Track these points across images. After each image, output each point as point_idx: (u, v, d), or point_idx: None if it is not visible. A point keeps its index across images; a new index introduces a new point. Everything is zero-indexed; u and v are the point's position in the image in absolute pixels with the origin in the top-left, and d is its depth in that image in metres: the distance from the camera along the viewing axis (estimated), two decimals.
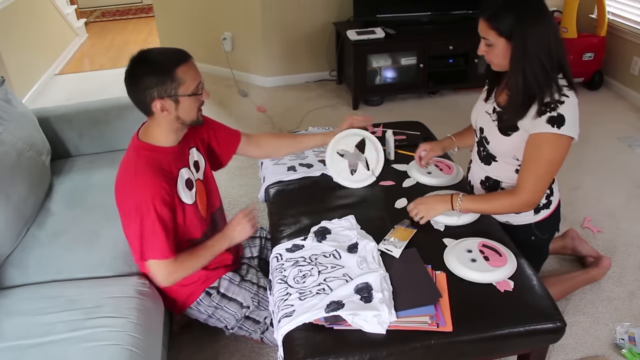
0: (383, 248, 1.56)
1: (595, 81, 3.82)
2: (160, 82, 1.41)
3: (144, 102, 1.45)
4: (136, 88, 1.43)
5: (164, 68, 1.42)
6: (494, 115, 1.67)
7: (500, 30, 1.49)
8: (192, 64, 1.48)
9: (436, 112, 3.67)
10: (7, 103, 2.07)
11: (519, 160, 1.65)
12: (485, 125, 1.71)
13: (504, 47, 1.51)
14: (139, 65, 1.43)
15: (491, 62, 1.59)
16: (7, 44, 3.79)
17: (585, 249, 2.23)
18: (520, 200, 1.58)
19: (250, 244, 1.96)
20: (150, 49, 1.48)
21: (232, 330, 1.77)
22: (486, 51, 1.57)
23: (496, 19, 1.49)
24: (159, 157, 1.51)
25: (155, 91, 1.42)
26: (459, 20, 3.80)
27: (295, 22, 3.96)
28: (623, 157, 3.03)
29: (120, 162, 1.56)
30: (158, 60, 1.43)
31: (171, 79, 1.42)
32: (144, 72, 1.42)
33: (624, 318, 1.98)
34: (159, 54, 1.45)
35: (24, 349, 1.39)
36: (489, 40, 1.53)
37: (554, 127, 1.48)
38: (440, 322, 1.33)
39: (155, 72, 1.41)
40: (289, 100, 3.90)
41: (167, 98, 1.43)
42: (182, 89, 1.44)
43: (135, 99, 1.47)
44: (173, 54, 1.46)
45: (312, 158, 2.07)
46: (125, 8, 6.83)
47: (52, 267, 1.70)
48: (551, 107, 1.49)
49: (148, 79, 1.41)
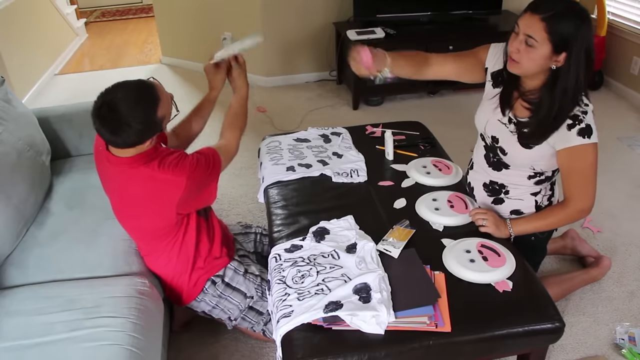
0: (382, 248, 1.56)
1: (595, 81, 3.82)
2: (148, 135, 1.46)
3: (132, 146, 1.47)
4: (126, 140, 1.45)
5: (148, 124, 1.44)
6: (511, 126, 1.62)
7: (555, 36, 1.38)
8: (162, 93, 1.49)
9: (436, 112, 3.66)
10: (7, 103, 2.07)
11: (534, 169, 1.65)
12: (501, 136, 1.66)
13: (547, 54, 1.42)
14: (118, 125, 1.40)
15: (519, 62, 1.47)
16: (7, 44, 3.79)
17: (585, 249, 2.23)
18: (576, 210, 1.58)
19: (245, 239, 1.99)
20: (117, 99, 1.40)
21: (235, 322, 1.78)
22: (521, 50, 1.44)
23: (556, 23, 1.37)
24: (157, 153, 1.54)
25: (144, 138, 1.46)
26: (459, 20, 3.80)
27: (296, 22, 3.96)
28: (623, 157, 3.03)
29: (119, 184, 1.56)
30: (138, 118, 1.41)
31: (155, 124, 1.46)
32: (130, 133, 1.42)
33: (624, 318, 1.98)
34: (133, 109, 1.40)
35: (23, 349, 1.39)
36: (534, 41, 1.41)
37: (585, 138, 1.48)
38: (439, 322, 1.33)
39: (143, 130, 1.44)
40: (289, 100, 3.90)
41: (155, 134, 1.49)
42: (165, 122, 1.51)
43: (122, 145, 1.47)
44: (147, 102, 1.44)
45: (311, 158, 2.07)
46: (125, 8, 6.83)
47: (51, 267, 1.70)
48: (579, 120, 1.48)
49: (137, 136, 1.44)
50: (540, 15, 1.39)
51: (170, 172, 1.49)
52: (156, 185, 1.51)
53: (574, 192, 1.57)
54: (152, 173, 1.49)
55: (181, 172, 1.50)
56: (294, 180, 1.95)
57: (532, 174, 1.67)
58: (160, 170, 1.49)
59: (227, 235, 1.84)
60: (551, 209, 1.67)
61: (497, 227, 1.62)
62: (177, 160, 1.51)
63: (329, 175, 1.95)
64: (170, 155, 1.53)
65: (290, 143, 2.20)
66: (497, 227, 1.62)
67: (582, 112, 1.49)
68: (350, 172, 1.96)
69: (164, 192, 1.52)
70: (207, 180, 1.60)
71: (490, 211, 1.66)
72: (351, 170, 1.97)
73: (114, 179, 1.57)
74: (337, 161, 2.04)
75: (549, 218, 1.63)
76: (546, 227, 1.68)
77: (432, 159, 2.01)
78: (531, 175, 1.68)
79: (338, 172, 1.96)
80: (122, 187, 1.56)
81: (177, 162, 1.51)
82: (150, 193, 1.53)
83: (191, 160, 1.53)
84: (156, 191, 1.52)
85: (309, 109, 3.75)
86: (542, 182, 1.69)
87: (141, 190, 1.53)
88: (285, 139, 2.24)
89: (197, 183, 1.55)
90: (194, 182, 1.53)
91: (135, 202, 1.57)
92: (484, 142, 1.78)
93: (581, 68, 1.43)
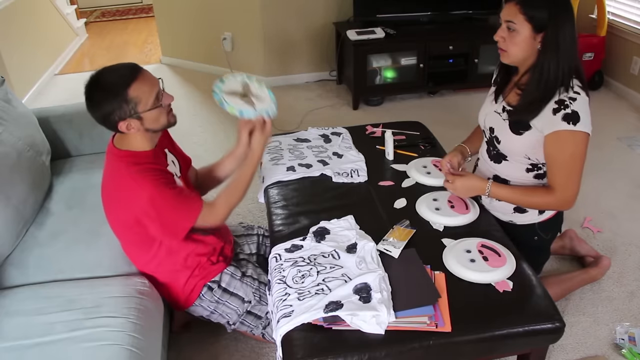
0: (382, 248, 1.56)
1: (595, 81, 3.82)
2: (117, 106, 1.44)
3: (109, 125, 1.49)
4: (98, 114, 1.47)
5: (116, 92, 1.43)
6: (504, 114, 1.66)
7: (532, 17, 1.47)
8: (144, 77, 1.47)
9: (436, 112, 3.66)
10: (7, 103, 2.07)
11: (530, 159, 1.65)
12: (496, 125, 1.70)
13: (527, 36, 1.49)
14: (92, 91, 1.45)
15: (506, 49, 1.55)
16: (7, 44, 3.79)
17: (584, 248, 2.23)
18: (556, 199, 1.58)
19: (247, 240, 1.98)
20: (102, 70, 1.47)
21: (234, 326, 1.78)
22: (505, 37, 1.53)
23: (531, 5, 1.46)
24: (142, 162, 1.52)
25: (115, 115, 1.45)
26: (459, 20, 3.80)
27: (296, 22, 3.96)
28: (623, 157, 3.03)
29: (104, 172, 1.58)
30: (108, 84, 1.44)
31: (126, 101, 1.44)
32: (100, 99, 1.44)
33: (624, 318, 1.98)
34: (109, 76, 1.45)
35: (23, 349, 1.39)
36: (514, 24, 1.49)
37: (570, 124, 1.49)
38: (439, 322, 1.33)
39: (109, 98, 1.43)
40: (289, 100, 3.90)
41: (129, 118, 1.46)
42: (140, 106, 1.46)
43: (100, 122, 1.49)
44: (121, 75, 1.45)
45: (311, 158, 2.07)
46: (125, 8, 6.83)
47: (51, 267, 1.70)
48: (565, 105, 1.49)
49: (105, 105, 1.44)
50: (514, 0, 1.49)
51: (135, 180, 1.48)
52: (121, 183, 1.51)
53: (555, 181, 1.57)
54: (124, 171, 1.49)
55: (144, 186, 1.47)
56: (294, 180, 1.95)
57: (530, 167, 1.67)
58: (130, 173, 1.48)
59: (227, 238, 1.84)
60: (535, 190, 1.64)
61: (467, 193, 1.70)
62: (152, 175, 1.49)
63: (329, 175, 1.95)
64: (155, 169, 1.51)
65: (290, 143, 2.20)
66: (466, 192, 1.70)
67: (570, 98, 1.50)
68: (351, 172, 1.96)
69: (124, 196, 1.52)
70: (173, 216, 1.54)
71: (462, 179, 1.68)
72: (351, 170, 1.97)
73: (105, 170, 1.59)
74: (338, 161, 2.04)
75: (530, 198, 1.63)
76: (523, 204, 1.69)
77: (432, 159, 2.02)
78: (529, 168, 1.68)
79: (338, 172, 1.96)
80: (105, 176, 1.59)
81: (151, 176, 1.49)
82: (116, 189, 1.54)
83: (166, 185, 1.50)
84: (119, 190, 1.53)
85: (309, 109, 3.75)
86: (541, 177, 1.69)
87: (112, 183, 1.55)
88: (285, 139, 2.24)
89: (159, 209, 1.50)
90: (155, 205, 1.49)
91: (106, 194, 1.59)
92: (485, 137, 1.80)
93: (560, 45, 1.47)
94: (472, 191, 1.70)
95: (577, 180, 1.56)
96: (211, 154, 3.10)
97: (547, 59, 1.49)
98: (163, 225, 1.55)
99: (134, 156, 1.52)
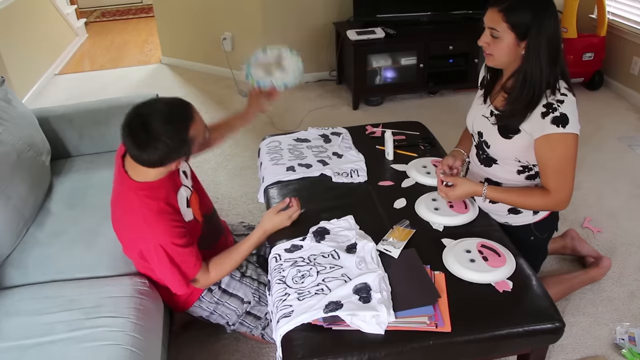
0: (382, 248, 1.56)
1: (595, 81, 3.81)
2: (176, 151, 1.40)
3: (157, 165, 1.42)
4: (153, 158, 1.39)
5: (179, 138, 1.38)
6: (492, 118, 1.66)
7: (514, 24, 1.47)
8: (198, 116, 1.44)
9: (436, 112, 3.66)
10: (7, 103, 2.07)
11: (520, 162, 1.65)
12: (484, 129, 1.70)
13: (511, 42, 1.50)
14: (143, 132, 1.35)
15: (491, 55, 1.56)
16: (7, 44, 3.79)
17: (585, 249, 2.23)
18: (551, 200, 1.58)
19: None
20: (150, 110, 1.37)
21: (234, 327, 1.78)
22: (489, 43, 1.54)
23: (512, 12, 1.46)
24: (159, 192, 1.50)
25: (172, 158, 1.41)
26: (459, 20, 3.80)
27: (296, 22, 3.96)
28: (623, 157, 3.03)
29: (117, 201, 1.56)
30: (169, 128, 1.36)
31: (185, 142, 1.40)
32: (158, 148, 1.36)
33: (624, 318, 1.98)
34: (167, 118, 1.36)
35: (24, 348, 1.39)
36: (497, 32, 1.50)
37: (560, 127, 1.49)
38: (439, 322, 1.33)
39: (170, 147, 1.37)
40: (289, 100, 3.90)
41: (183, 157, 1.44)
42: (194, 147, 1.44)
43: (144, 164, 1.42)
44: (181, 117, 1.39)
45: (311, 158, 2.07)
46: (125, 8, 6.83)
47: (51, 267, 1.70)
48: (553, 108, 1.50)
49: (163, 148, 1.36)
50: (497, 7, 1.49)
51: (148, 225, 1.46)
52: (133, 220, 1.48)
53: (551, 184, 1.57)
54: (136, 205, 1.46)
55: (155, 234, 1.46)
56: (294, 180, 1.95)
57: (521, 168, 1.67)
58: (143, 213, 1.45)
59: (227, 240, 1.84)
60: (531, 191, 1.63)
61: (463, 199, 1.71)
62: (165, 224, 1.46)
63: (329, 175, 1.95)
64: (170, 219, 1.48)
65: (290, 143, 2.20)
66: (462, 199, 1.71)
67: (558, 100, 1.50)
68: (350, 172, 1.96)
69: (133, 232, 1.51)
70: (169, 273, 1.53)
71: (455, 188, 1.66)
72: (351, 170, 1.97)
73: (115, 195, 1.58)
74: (337, 161, 2.04)
75: (526, 199, 1.62)
76: (520, 206, 1.69)
77: (432, 159, 2.02)
78: (520, 170, 1.68)
79: (338, 172, 1.96)
80: (115, 200, 1.57)
81: (164, 225, 1.46)
82: (126, 224, 1.53)
83: (173, 241, 1.48)
84: (129, 226, 1.51)
85: (309, 109, 3.75)
86: (532, 178, 1.69)
87: (124, 216, 1.53)
88: (285, 139, 2.24)
89: (160, 260, 1.50)
90: (158, 255, 1.49)
91: (115, 217, 1.59)
92: (474, 141, 1.80)
93: (543, 51, 1.47)
94: (468, 197, 1.71)
95: (571, 181, 1.57)
96: (211, 154, 3.10)
97: (531, 64, 1.49)
98: (158, 271, 1.57)
99: (150, 189, 1.48)
